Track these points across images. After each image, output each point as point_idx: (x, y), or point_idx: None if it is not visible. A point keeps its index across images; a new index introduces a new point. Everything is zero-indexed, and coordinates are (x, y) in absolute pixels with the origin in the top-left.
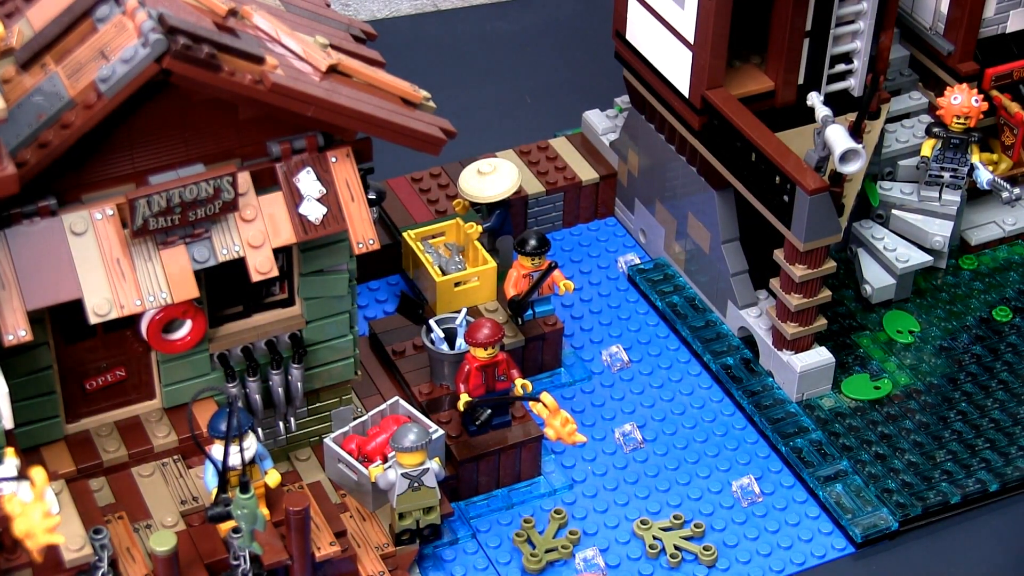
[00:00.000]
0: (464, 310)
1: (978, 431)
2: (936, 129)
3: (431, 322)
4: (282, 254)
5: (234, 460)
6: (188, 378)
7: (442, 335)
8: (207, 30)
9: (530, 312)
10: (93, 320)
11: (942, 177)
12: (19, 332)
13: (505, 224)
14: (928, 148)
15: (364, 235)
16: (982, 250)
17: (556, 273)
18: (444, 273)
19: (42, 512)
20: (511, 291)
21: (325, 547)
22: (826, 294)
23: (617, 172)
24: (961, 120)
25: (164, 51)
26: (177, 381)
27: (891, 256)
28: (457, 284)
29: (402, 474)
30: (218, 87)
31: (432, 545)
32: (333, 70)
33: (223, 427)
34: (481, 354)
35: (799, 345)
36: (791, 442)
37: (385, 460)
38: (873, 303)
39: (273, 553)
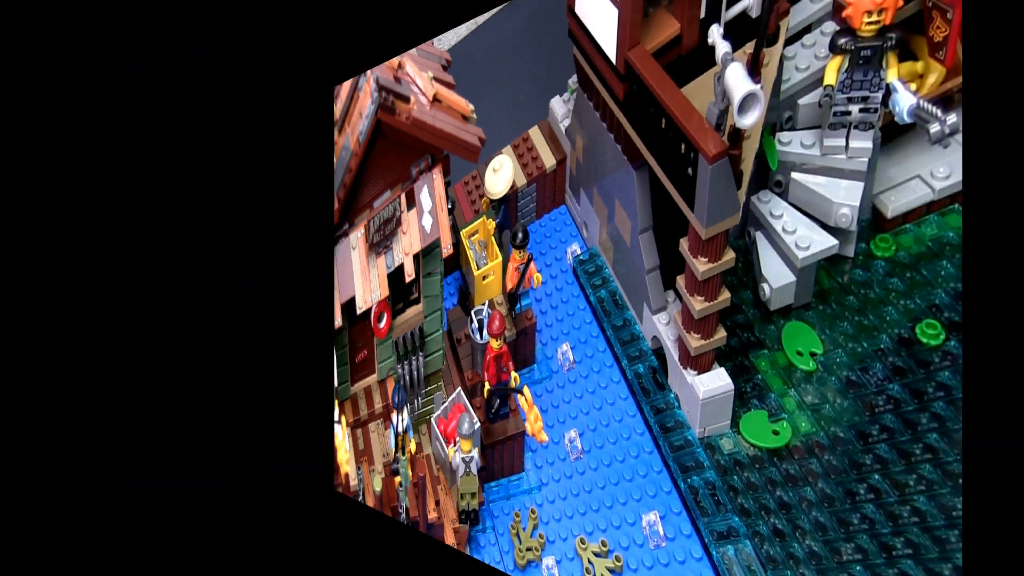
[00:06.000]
0: (487, 302)
1: (896, 524)
2: (842, 40)
3: (472, 313)
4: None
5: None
6: (386, 358)
7: (477, 325)
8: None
9: (519, 306)
10: (360, 310)
11: (850, 114)
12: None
13: (507, 219)
14: (833, 72)
15: (448, 241)
16: (901, 225)
17: (531, 266)
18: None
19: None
20: (508, 285)
21: (431, 513)
22: (725, 296)
23: (567, 157)
24: (874, 18)
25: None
26: (382, 360)
27: (790, 241)
28: (484, 277)
29: (461, 458)
30: (396, 128)
31: (473, 530)
32: (435, 99)
33: (397, 400)
34: (495, 345)
35: (702, 363)
36: (689, 478)
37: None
38: (772, 308)
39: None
